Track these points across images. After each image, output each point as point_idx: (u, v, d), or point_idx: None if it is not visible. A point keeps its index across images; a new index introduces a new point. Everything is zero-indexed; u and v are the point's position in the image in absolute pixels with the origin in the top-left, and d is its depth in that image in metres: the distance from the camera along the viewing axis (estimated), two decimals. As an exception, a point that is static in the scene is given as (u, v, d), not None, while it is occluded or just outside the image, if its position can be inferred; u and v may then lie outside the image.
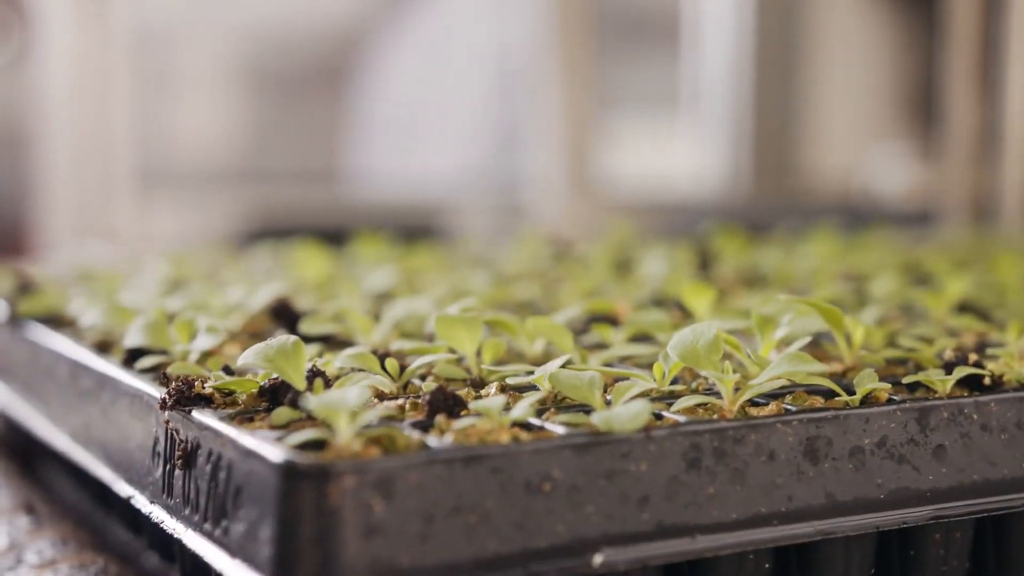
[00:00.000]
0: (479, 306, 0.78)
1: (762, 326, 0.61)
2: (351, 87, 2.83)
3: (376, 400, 0.56)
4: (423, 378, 0.61)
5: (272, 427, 0.51)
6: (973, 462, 0.56)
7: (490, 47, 2.75)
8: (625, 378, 0.57)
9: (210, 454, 0.51)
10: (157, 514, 0.56)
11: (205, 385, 0.56)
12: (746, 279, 0.99)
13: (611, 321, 0.75)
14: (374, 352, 0.61)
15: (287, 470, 0.46)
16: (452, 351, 0.62)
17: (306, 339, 0.71)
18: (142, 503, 0.58)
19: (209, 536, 0.51)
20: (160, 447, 0.57)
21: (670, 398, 0.56)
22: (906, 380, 0.58)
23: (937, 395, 0.57)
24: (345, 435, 0.47)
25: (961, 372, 0.57)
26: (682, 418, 0.52)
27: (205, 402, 0.55)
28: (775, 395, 0.57)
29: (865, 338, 0.65)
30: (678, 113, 3.02)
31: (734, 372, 0.59)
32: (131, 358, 0.66)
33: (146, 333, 0.65)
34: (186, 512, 0.53)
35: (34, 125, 2.40)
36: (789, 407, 0.54)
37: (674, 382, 0.59)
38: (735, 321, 0.68)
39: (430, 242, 1.27)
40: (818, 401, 0.56)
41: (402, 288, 0.90)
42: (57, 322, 0.82)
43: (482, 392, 0.57)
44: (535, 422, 0.51)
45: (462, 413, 0.52)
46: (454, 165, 2.74)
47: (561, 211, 2.51)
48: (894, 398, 0.56)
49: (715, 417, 0.53)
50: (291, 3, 2.82)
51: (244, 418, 0.53)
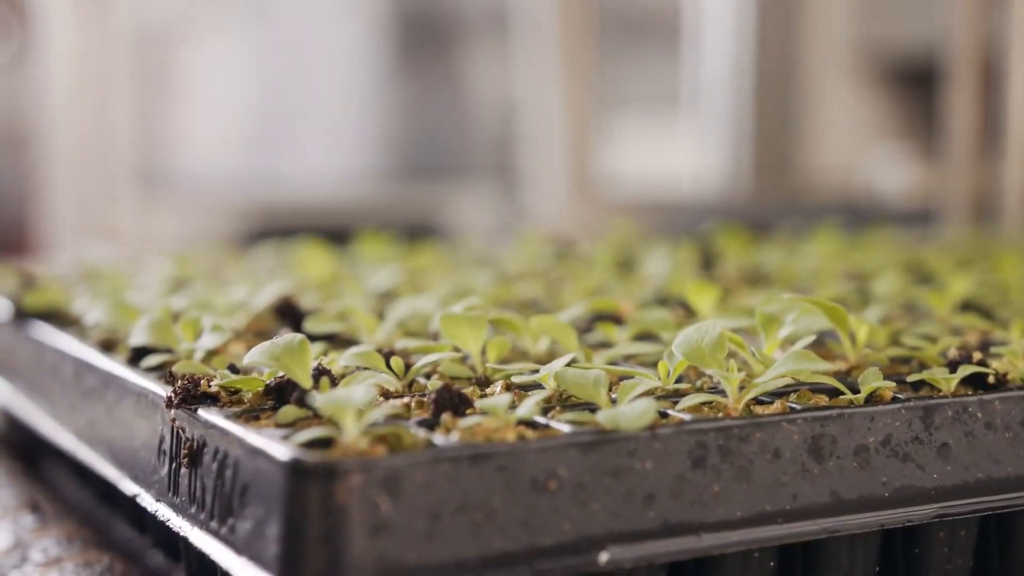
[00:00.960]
0: (483, 305, 0.78)
1: (766, 325, 0.61)
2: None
3: (382, 399, 0.56)
4: (428, 377, 0.61)
5: (278, 425, 0.51)
6: (977, 460, 0.56)
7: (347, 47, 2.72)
8: (630, 377, 0.57)
9: (216, 452, 0.52)
10: (163, 512, 0.56)
11: (211, 383, 0.56)
12: (749, 278, 0.99)
13: (615, 320, 0.75)
14: (379, 351, 0.62)
15: (294, 468, 0.46)
16: (457, 350, 0.63)
17: (311, 338, 0.71)
18: (148, 501, 0.58)
19: (215, 534, 0.51)
20: (166, 445, 0.57)
21: (675, 396, 0.56)
22: (910, 379, 0.58)
23: (941, 394, 0.57)
24: (352, 433, 0.47)
25: (965, 371, 0.57)
26: (687, 416, 0.52)
27: (211, 400, 0.55)
28: (779, 393, 0.57)
29: (869, 337, 0.65)
30: (679, 113, 3.03)
31: (739, 371, 0.59)
32: (136, 357, 0.66)
33: (151, 332, 0.66)
34: (192, 510, 0.53)
35: (35, 125, 2.40)
36: (794, 405, 0.54)
37: (678, 381, 0.59)
38: (739, 320, 0.68)
39: (428, 241, 1.27)
40: (822, 400, 0.56)
41: (405, 287, 0.90)
42: (61, 320, 0.82)
43: (487, 391, 0.57)
44: (541, 420, 0.52)
45: (468, 411, 0.52)
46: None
47: (562, 211, 2.51)
48: (899, 396, 0.56)
49: (720, 415, 0.53)
50: (295, 2, 2.82)
51: (250, 416, 0.53)
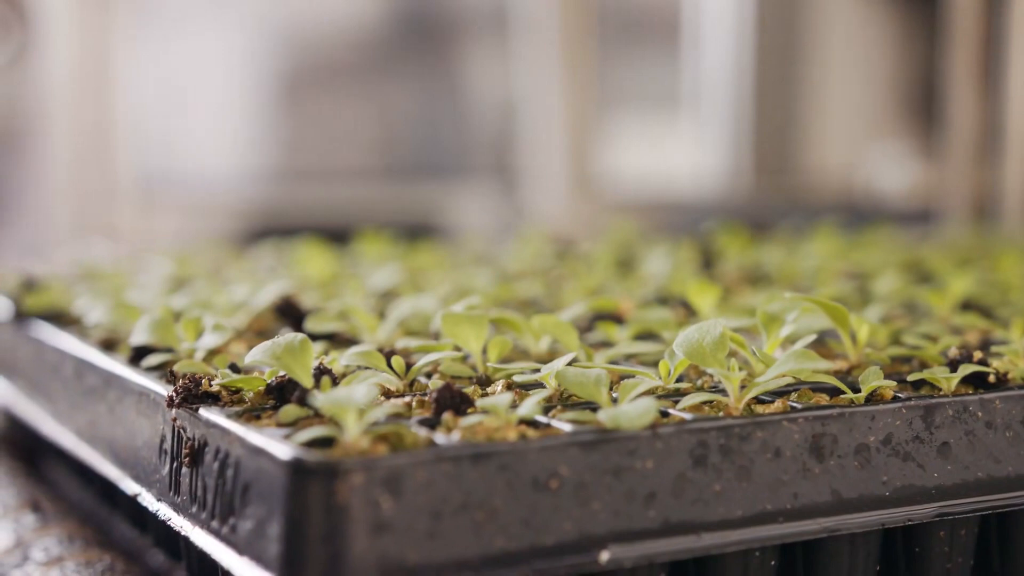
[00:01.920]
0: (483, 304, 0.78)
1: (767, 324, 0.61)
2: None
3: (383, 398, 0.56)
4: (429, 376, 0.61)
5: (279, 425, 0.51)
6: (978, 459, 0.56)
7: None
8: (631, 376, 0.57)
9: (217, 451, 0.52)
10: (164, 512, 0.56)
11: (212, 383, 0.56)
12: (749, 277, 0.99)
13: (616, 319, 0.75)
14: (380, 350, 0.62)
15: (295, 467, 0.46)
16: (458, 349, 0.63)
17: (312, 337, 0.71)
18: (149, 500, 0.58)
19: (216, 534, 0.51)
20: (167, 445, 0.57)
21: (676, 396, 0.56)
22: (911, 378, 0.58)
23: (942, 393, 0.57)
24: (353, 432, 0.47)
25: (966, 370, 0.58)
26: (688, 415, 0.52)
27: (212, 400, 0.55)
28: (780, 393, 0.57)
29: (870, 336, 0.65)
30: (679, 112, 3.02)
31: (740, 370, 0.59)
32: (137, 356, 0.66)
33: (152, 331, 0.66)
34: (193, 509, 0.54)
35: (36, 124, 2.40)
36: (795, 404, 0.54)
37: (679, 380, 0.59)
38: (740, 319, 0.68)
39: (428, 241, 1.27)
40: (823, 399, 0.56)
41: (406, 286, 0.90)
42: (62, 320, 0.82)
43: (488, 390, 0.57)
44: (542, 419, 0.52)
45: (469, 411, 0.52)
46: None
47: (562, 210, 2.51)
48: (899, 396, 0.56)
49: (721, 415, 0.53)
50: (293, 2, 2.82)
51: (251, 416, 0.53)
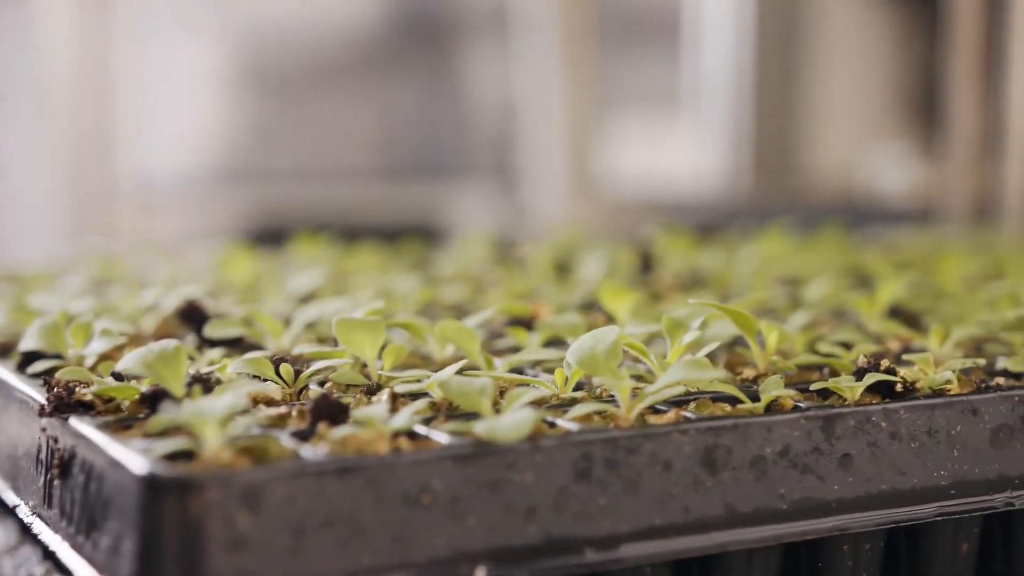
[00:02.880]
0: (394, 308, 0.76)
1: (672, 330, 0.59)
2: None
3: (264, 406, 0.54)
4: (323, 384, 0.59)
5: (147, 436, 0.49)
6: (881, 472, 0.54)
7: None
8: (526, 384, 0.55)
9: (83, 463, 0.50)
10: (37, 526, 0.54)
11: (86, 391, 0.54)
12: (684, 283, 0.97)
13: (529, 325, 0.73)
14: (279, 357, 0.60)
15: (149, 482, 0.44)
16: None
17: (212, 343, 0.69)
18: (25, 513, 0.56)
19: (80, 550, 0.49)
20: (42, 455, 0.55)
21: (571, 405, 0.54)
22: (815, 387, 0.57)
23: (845, 402, 0.55)
24: (212, 445, 0.45)
25: (871, 379, 0.56)
26: (574, 427, 0.50)
27: (86, 409, 0.53)
28: (679, 402, 0.55)
29: (783, 343, 0.63)
30: (679, 112, 3.01)
31: (638, 379, 0.58)
32: (26, 362, 0.64)
33: (41, 336, 0.63)
34: (63, 524, 0.51)
35: (35, 122, 2.37)
36: (688, 415, 0.52)
37: (579, 388, 0.58)
38: (653, 326, 0.66)
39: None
40: (724, 408, 0.54)
41: (328, 290, 0.88)
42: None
43: (374, 399, 0.55)
44: (421, 431, 0.50)
45: (348, 421, 0.50)
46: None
47: (562, 210, 2.50)
48: (800, 405, 0.54)
49: (610, 425, 0.51)
50: (294, 2, 2.80)
51: (122, 426, 0.51)
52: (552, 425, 0.51)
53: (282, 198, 2.65)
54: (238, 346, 0.69)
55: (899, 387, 0.56)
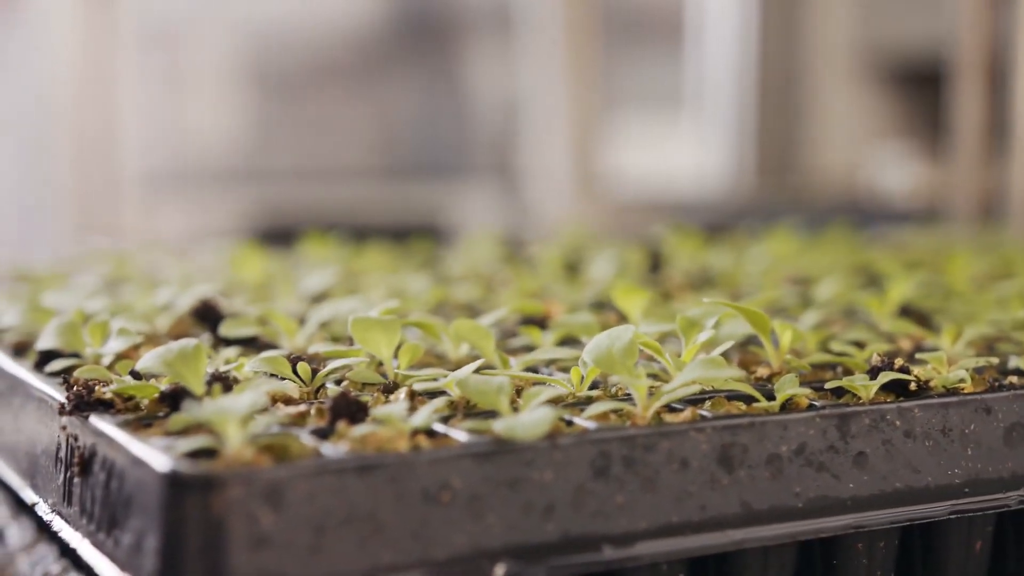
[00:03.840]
0: (407, 308, 0.77)
1: (686, 330, 0.60)
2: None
3: (283, 405, 0.54)
4: (339, 383, 0.59)
5: (167, 434, 0.49)
6: (895, 470, 0.54)
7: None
8: (542, 383, 0.55)
9: (104, 461, 0.50)
10: (57, 523, 0.54)
11: (106, 390, 0.54)
12: (694, 282, 0.97)
13: (542, 324, 0.73)
14: (295, 356, 0.60)
15: (171, 479, 0.44)
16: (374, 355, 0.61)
17: (227, 342, 0.69)
18: (44, 511, 0.57)
19: (101, 547, 0.49)
20: (62, 453, 0.55)
21: (586, 404, 0.55)
22: (829, 385, 0.57)
23: (860, 401, 0.56)
24: (234, 443, 0.45)
25: (885, 377, 0.56)
26: (591, 425, 0.51)
27: (105, 407, 0.54)
28: (695, 400, 0.55)
29: (797, 342, 0.64)
30: (682, 111, 3.01)
31: (655, 378, 0.58)
32: (43, 361, 0.64)
33: (59, 335, 0.64)
34: (83, 521, 0.52)
35: (40, 123, 2.38)
36: (704, 413, 0.53)
37: (594, 387, 0.58)
38: (666, 325, 0.66)
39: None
40: (739, 407, 0.55)
41: (340, 290, 0.88)
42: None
43: (391, 397, 0.55)
44: (440, 429, 0.50)
45: (367, 419, 0.51)
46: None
47: (565, 209, 2.50)
48: (815, 404, 0.55)
49: (627, 424, 0.51)
50: (300, 2, 2.81)
51: (143, 424, 0.51)
52: (569, 424, 0.51)
53: (285, 198, 2.66)
54: (253, 345, 0.70)
55: (913, 386, 0.57)
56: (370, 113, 2.89)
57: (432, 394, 0.56)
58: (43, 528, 0.66)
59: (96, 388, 0.54)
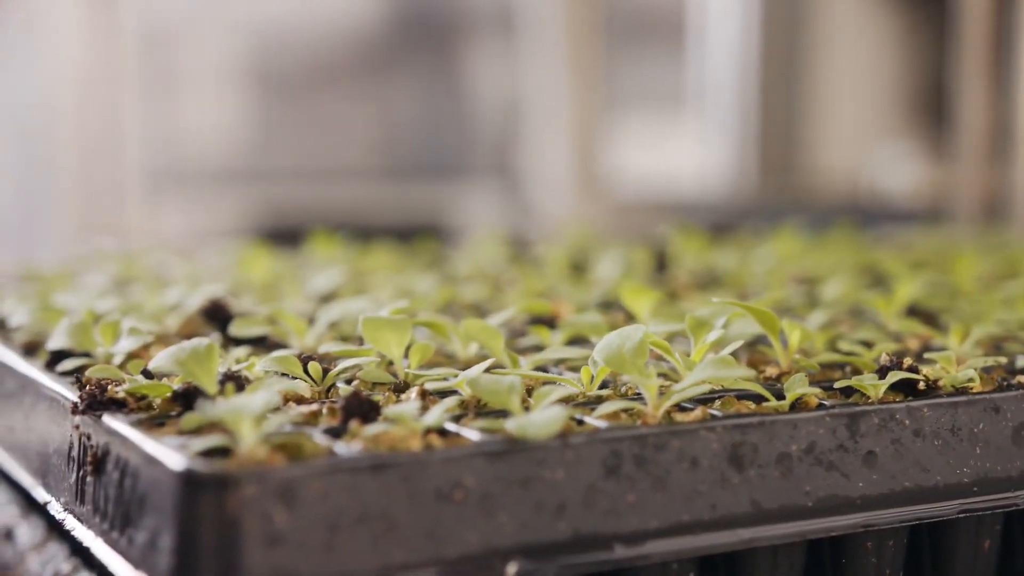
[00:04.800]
0: (415, 307, 0.77)
1: (695, 329, 0.60)
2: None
3: (294, 404, 0.54)
4: (349, 382, 0.60)
5: (181, 433, 0.50)
6: (905, 469, 0.55)
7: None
8: (552, 382, 0.56)
9: (118, 460, 0.50)
10: (70, 522, 0.55)
11: (119, 389, 0.54)
12: (700, 282, 0.97)
13: (551, 324, 0.73)
14: (305, 355, 0.60)
15: (186, 478, 0.44)
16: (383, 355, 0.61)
17: (237, 341, 0.70)
18: (56, 509, 0.57)
19: (115, 545, 0.49)
20: (74, 452, 0.55)
21: (596, 403, 0.55)
22: (838, 384, 0.57)
23: (869, 400, 0.56)
24: (248, 442, 0.46)
25: (894, 377, 0.56)
26: (602, 424, 0.51)
27: (118, 407, 0.54)
28: (705, 400, 0.56)
29: (806, 342, 0.64)
30: (683, 112, 3.01)
31: (665, 377, 0.58)
32: (54, 360, 0.64)
33: (70, 335, 0.64)
34: (96, 520, 0.52)
35: (43, 123, 2.38)
36: (715, 412, 0.53)
37: (604, 387, 0.58)
38: (675, 324, 0.67)
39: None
40: (749, 406, 0.55)
41: (347, 289, 0.89)
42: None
43: (402, 397, 0.56)
44: (452, 428, 0.50)
45: (379, 419, 0.51)
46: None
47: (567, 209, 2.50)
48: (824, 403, 0.55)
49: (638, 423, 0.51)
50: (303, 2, 2.81)
51: (155, 423, 0.51)
52: (580, 423, 0.52)
53: (287, 198, 2.66)
54: (263, 345, 0.70)
55: (922, 385, 0.57)
56: (372, 113, 2.90)
57: (443, 393, 0.56)
58: (53, 527, 0.66)
59: (109, 387, 0.54)
